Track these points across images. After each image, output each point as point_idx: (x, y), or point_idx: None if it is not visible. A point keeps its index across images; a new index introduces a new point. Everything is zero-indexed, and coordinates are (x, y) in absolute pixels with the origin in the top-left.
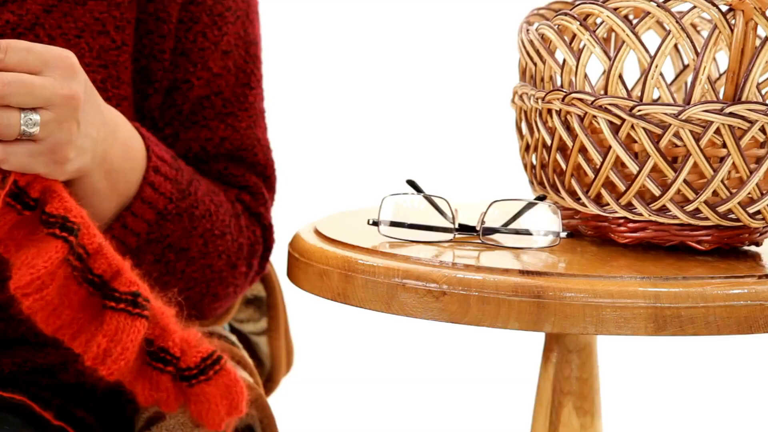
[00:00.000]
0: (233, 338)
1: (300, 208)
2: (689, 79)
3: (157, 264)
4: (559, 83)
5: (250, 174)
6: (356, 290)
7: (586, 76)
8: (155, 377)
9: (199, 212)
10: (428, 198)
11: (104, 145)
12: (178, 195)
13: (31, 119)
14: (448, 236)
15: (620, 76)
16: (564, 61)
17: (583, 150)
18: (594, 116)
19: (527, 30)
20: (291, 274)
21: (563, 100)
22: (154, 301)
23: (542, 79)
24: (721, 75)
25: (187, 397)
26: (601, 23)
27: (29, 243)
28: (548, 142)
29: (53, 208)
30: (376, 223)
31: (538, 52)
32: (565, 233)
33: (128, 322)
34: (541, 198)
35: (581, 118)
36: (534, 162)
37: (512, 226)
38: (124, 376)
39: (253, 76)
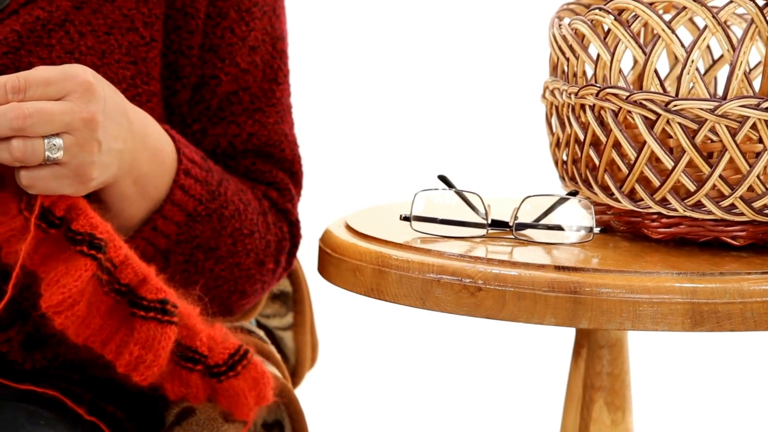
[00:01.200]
0: (261, 333)
1: (326, 204)
2: (719, 74)
3: (186, 263)
4: (591, 78)
5: (277, 170)
6: (390, 286)
7: (620, 71)
8: (184, 375)
9: (229, 212)
10: (460, 193)
11: (133, 154)
12: (208, 196)
13: (54, 145)
14: (481, 232)
15: (655, 71)
16: (598, 56)
17: (617, 145)
18: (629, 111)
19: (559, 25)
20: (322, 270)
21: (597, 95)
22: (180, 303)
23: (575, 74)
24: (751, 69)
25: (216, 391)
26: (636, 18)
27: (56, 260)
28: (581, 137)
29: (79, 226)
30: (407, 219)
31: (571, 47)
32: (599, 229)
33: (159, 330)
34: (573, 193)
35: (616, 114)
36: (565, 157)
37: (545, 221)
38: (156, 379)
39: (280, 72)
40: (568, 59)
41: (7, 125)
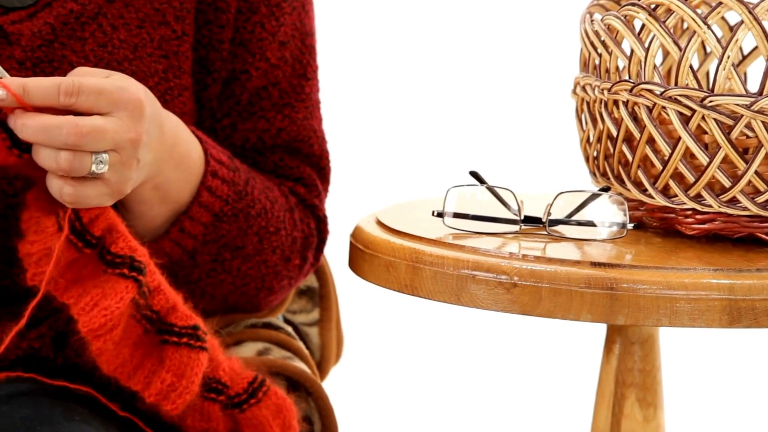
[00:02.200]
0: (289, 329)
1: (353, 200)
2: (749, 70)
3: (213, 263)
4: (623, 73)
5: (304, 166)
6: (424, 282)
7: (655, 66)
8: (206, 408)
9: (255, 211)
10: (492, 189)
11: (159, 163)
12: (235, 196)
13: (101, 161)
14: (514, 228)
15: (690, 67)
16: (632, 51)
17: (650, 141)
18: (663, 107)
19: (591, 20)
20: (354, 266)
21: (631, 91)
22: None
23: (607, 70)
24: None
25: (240, 423)
26: (671, 14)
27: (85, 285)
28: (614, 133)
29: (119, 248)
30: (440, 215)
31: (603, 42)
32: (632, 225)
33: (192, 356)
34: (605, 189)
35: (650, 109)
36: (597, 153)
37: (578, 217)
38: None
39: (309, 67)
40: (600, 55)
41: (63, 140)
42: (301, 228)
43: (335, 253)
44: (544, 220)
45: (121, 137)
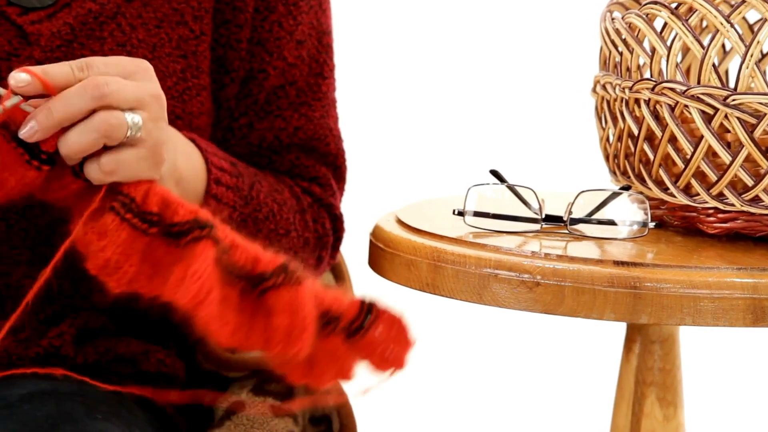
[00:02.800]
0: None
1: (368, 198)
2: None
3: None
4: (643, 72)
5: (320, 165)
6: (446, 281)
7: (677, 65)
8: (329, 346)
9: (263, 215)
10: (513, 188)
11: (176, 156)
12: (241, 202)
13: (135, 121)
14: (535, 227)
15: (713, 65)
16: (653, 50)
17: (672, 140)
18: (686, 106)
19: (612, 19)
20: (375, 264)
21: (653, 89)
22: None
23: (628, 69)
24: None
25: (364, 351)
26: (694, 12)
27: (166, 270)
28: (635, 131)
29: (181, 216)
30: (461, 213)
31: (624, 41)
32: (653, 223)
33: (294, 291)
34: (626, 188)
35: (672, 108)
36: (617, 152)
37: (599, 216)
38: (308, 351)
39: (326, 66)
40: (621, 53)
41: (89, 95)
42: (315, 228)
43: (352, 251)
44: (565, 218)
45: (143, 92)
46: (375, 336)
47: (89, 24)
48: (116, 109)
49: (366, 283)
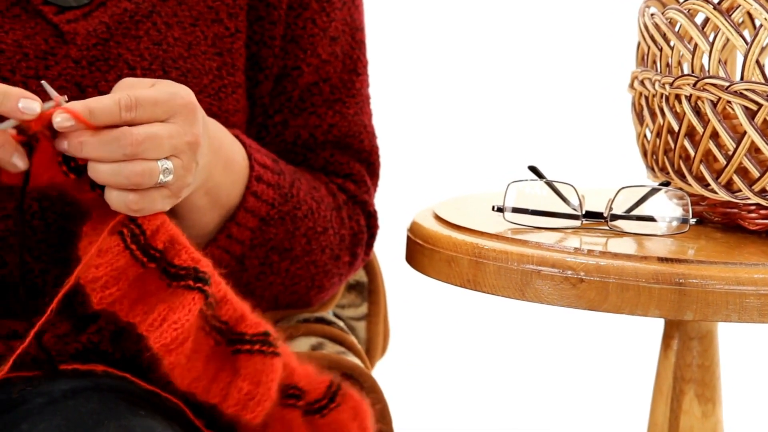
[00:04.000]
0: (341, 324)
1: (401, 194)
2: None
3: (262, 266)
4: (679, 67)
5: (354, 161)
6: (487, 277)
7: (720, 60)
8: (287, 416)
9: (302, 212)
10: (551, 184)
11: (208, 167)
12: (281, 200)
13: (167, 168)
14: (576, 223)
15: (757, 61)
16: (695, 45)
17: (714, 135)
18: (728, 102)
19: (651, 14)
20: (413, 260)
21: (695, 85)
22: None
23: (668, 64)
24: None
25: (318, 430)
26: (737, 8)
27: (151, 300)
28: (675, 127)
29: (182, 261)
30: (500, 209)
31: (664, 36)
32: (695, 220)
33: (266, 362)
34: (665, 184)
35: (714, 104)
36: (655, 148)
37: (636, 212)
38: (262, 419)
39: (360, 63)
40: (661, 49)
41: (121, 151)
42: (350, 225)
43: (384, 246)
44: (605, 214)
45: (179, 141)
46: (336, 418)
47: (125, 23)
48: (151, 160)
49: (398, 279)
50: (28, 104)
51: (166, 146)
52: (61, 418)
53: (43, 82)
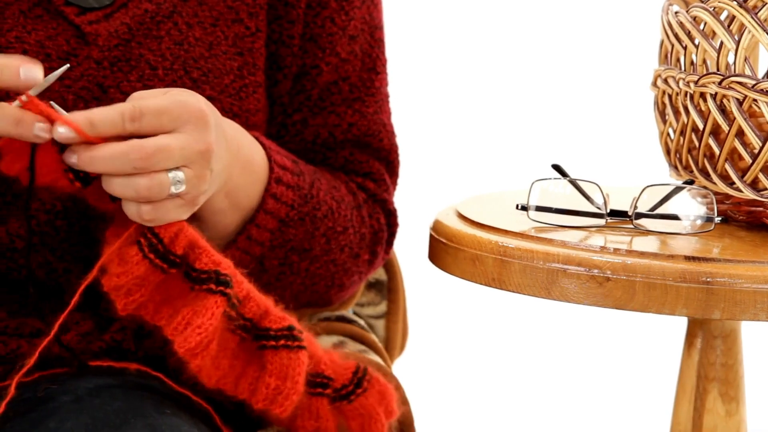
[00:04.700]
0: (361, 322)
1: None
2: None
3: (281, 266)
4: (704, 66)
5: (373, 160)
6: (513, 276)
7: (746, 59)
8: (314, 405)
9: (321, 213)
10: (575, 182)
11: (228, 169)
12: (300, 201)
13: (178, 180)
14: (600, 221)
15: None
16: (721, 43)
17: (740, 134)
18: (754, 100)
19: (675, 12)
20: (436, 259)
21: (720, 83)
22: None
23: (692, 63)
24: None
25: (347, 416)
26: (763, 6)
27: (173, 305)
28: (699, 125)
29: (203, 264)
30: (524, 208)
31: (689, 34)
32: (720, 218)
33: (291, 356)
34: (689, 182)
35: (740, 102)
36: (679, 146)
37: (660, 210)
38: (292, 412)
39: (378, 61)
40: (685, 47)
41: (130, 164)
42: (370, 224)
43: (403, 245)
44: (630, 213)
45: (190, 151)
46: (363, 403)
47: (146, 23)
48: (161, 172)
49: (418, 277)
50: (30, 71)
51: (176, 157)
52: (87, 416)
53: (52, 102)
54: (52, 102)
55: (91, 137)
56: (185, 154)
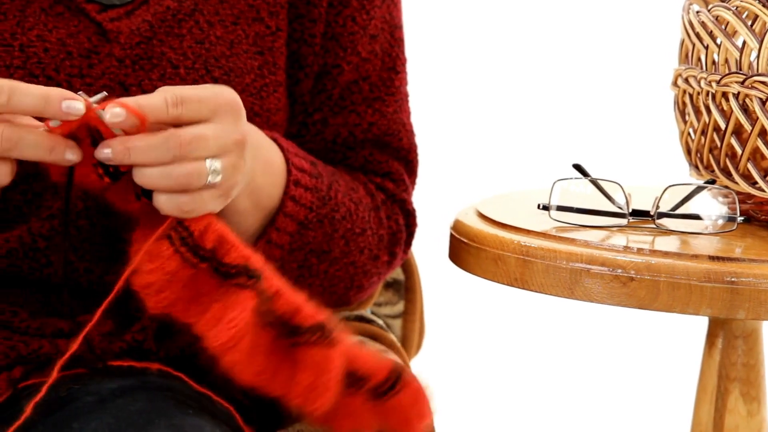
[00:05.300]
0: (380, 322)
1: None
2: None
3: (300, 269)
4: (724, 65)
5: (393, 160)
6: (535, 276)
7: None
8: (351, 403)
9: (340, 215)
10: (595, 182)
11: (252, 171)
12: (319, 203)
13: (215, 169)
14: (622, 221)
15: None
16: (744, 43)
17: (762, 133)
18: None
19: (696, 11)
20: (457, 259)
21: (743, 83)
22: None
23: (713, 62)
24: None
25: (381, 414)
26: None
27: (206, 299)
28: (722, 125)
29: (232, 259)
30: (546, 207)
31: (711, 34)
32: (742, 218)
33: (324, 353)
34: (711, 182)
35: (763, 102)
36: (700, 146)
37: (681, 210)
38: (327, 409)
39: (398, 60)
40: (707, 46)
41: (169, 153)
42: (389, 225)
43: (420, 244)
44: (652, 213)
45: (226, 140)
46: (398, 402)
47: (168, 21)
48: (199, 160)
49: (436, 276)
50: (72, 105)
51: (213, 146)
52: (111, 416)
53: (80, 92)
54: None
55: (144, 117)
56: (221, 143)
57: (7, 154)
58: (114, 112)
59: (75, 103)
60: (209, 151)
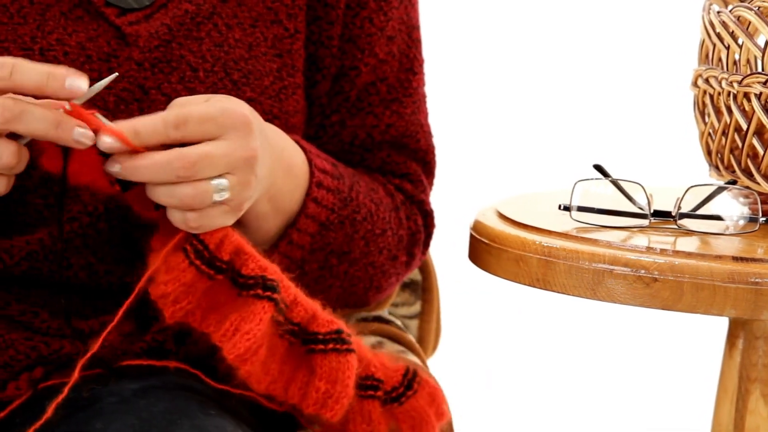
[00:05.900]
0: (398, 323)
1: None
2: None
3: (321, 269)
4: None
5: (411, 161)
6: (558, 276)
7: None
8: (365, 408)
9: (361, 216)
10: (618, 183)
11: (271, 175)
12: (340, 204)
13: (221, 187)
14: (644, 222)
15: None
16: (766, 43)
17: None
18: None
19: (717, 12)
20: (477, 259)
21: (765, 83)
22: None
23: (735, 63)
24: None
25: (398, 418)
26: None
27: (223, 309)
28: (743, 126)
29: (250, 270)
30: (567, 208)
31: (732, 34)
32: (764, 219)
33: (341, 360)
34: (732, 182)
35: None
36: (721, 146)
37: (702, 211)
38: (342, 416)
39: (416, 61)
40: (728, 47)
41: (174, 173)
42: (408, 225)
43: (437, 244)
44: (674, 213)
45: (234, 158)
46: (413, 406)
47: (186, 24)
48: (204, 180)
49: (453, 277)
50: (75, 82)
51: (220, 165)
52: (133, 417)
53: (96, 113)
54: (96, 113)
55: (136, 146)
56: (229, 161)
57: (8, 126)
58: (105, 141)
59: (78, 81)
60: (216, 170)
